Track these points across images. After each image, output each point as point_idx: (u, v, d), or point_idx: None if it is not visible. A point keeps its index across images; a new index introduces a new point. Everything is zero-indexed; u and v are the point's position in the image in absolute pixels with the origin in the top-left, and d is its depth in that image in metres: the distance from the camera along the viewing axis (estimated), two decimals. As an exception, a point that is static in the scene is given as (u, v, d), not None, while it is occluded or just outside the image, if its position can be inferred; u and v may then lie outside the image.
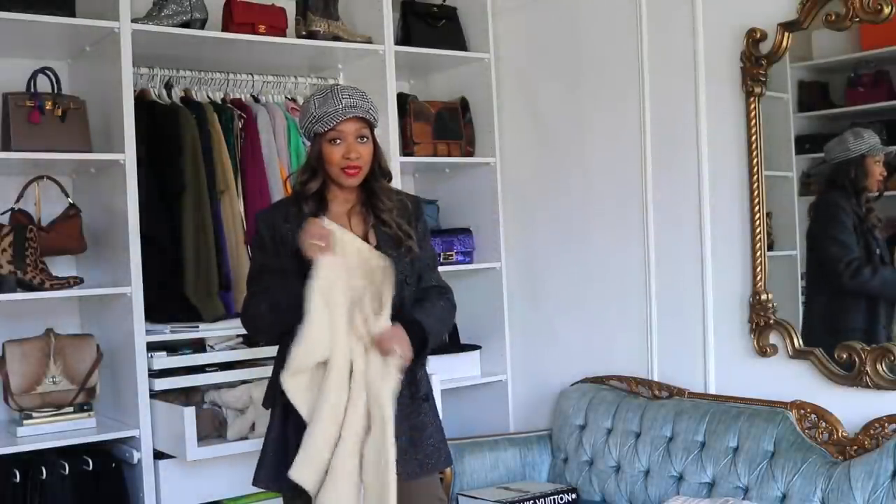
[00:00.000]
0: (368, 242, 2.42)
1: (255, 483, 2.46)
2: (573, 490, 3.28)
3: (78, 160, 3.07)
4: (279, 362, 2.48)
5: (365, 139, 2.41)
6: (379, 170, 2.48)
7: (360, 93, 2.43)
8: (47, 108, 2.96)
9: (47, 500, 2.90)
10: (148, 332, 3.05)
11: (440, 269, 2.63)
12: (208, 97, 3.50)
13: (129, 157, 3.02)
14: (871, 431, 2.68)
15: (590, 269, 3.58)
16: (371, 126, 2.44)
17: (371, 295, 2.34)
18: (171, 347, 3.15)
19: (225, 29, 3.34)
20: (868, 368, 2.74)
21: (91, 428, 3.07)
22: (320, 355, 2.29)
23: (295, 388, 2.31)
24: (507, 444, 3.48)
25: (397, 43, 3.65)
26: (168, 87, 3.42)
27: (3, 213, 3.09)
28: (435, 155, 3.79)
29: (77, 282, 3.06)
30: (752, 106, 3.01)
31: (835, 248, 2.86)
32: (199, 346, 3.23)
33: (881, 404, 2.71)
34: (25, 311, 3.14)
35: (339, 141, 2.38)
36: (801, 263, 2.98)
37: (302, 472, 2.28)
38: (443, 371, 3.59)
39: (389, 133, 3.55)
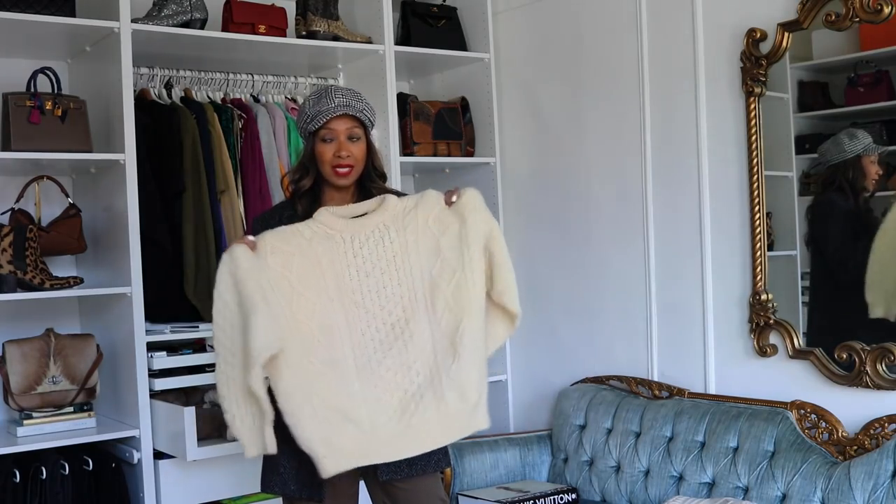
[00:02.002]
0: None
1: (263, 489, 2.46)
2: (573, 490, 3.28)
3: (78, 160, 3.07)
4: None
5: (357, 139, 2.43)
6: (373, 170, 2.49)
7: (354, 93, 2.45)
8: (47, 108, 2.96)
9: (47, 500, 2.90)
10: (148, 332, 3.05)
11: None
12: (208, 97, 3.50)
13: (129, 157, 3.02)
14: (871, 431, 2.68)
15: (590, 269, 3.59)
16: (364, 126, 2.45)
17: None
18: (171, 347, 3.15)
19: (225, 29, 3.34)
20: (868, 368, 2.74)
21: (91, 428, 3.07)
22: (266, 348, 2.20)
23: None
24: (507, 444, 3.48)
25: (397, 43, 3.65)
26: (168, 87, 3.43)
27: (3, 213, 3.10)
28: (435, 155, 3.79)
29: (77, 282, 3.06)
30: (752, 106, 3.01)
31: (837, 248, 2.86)
32: (199, 346, 3.23)
33: (881, 404, 2.71)
34: (25, 311, 3.15)
35: (330, 139, 2.41)
36: (800, 263, 2.98)
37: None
38: (443, 371, 3.58)
39: (389, 133, 3.55)
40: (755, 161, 3.02)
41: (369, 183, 2.49)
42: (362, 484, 2.54)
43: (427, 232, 2.32)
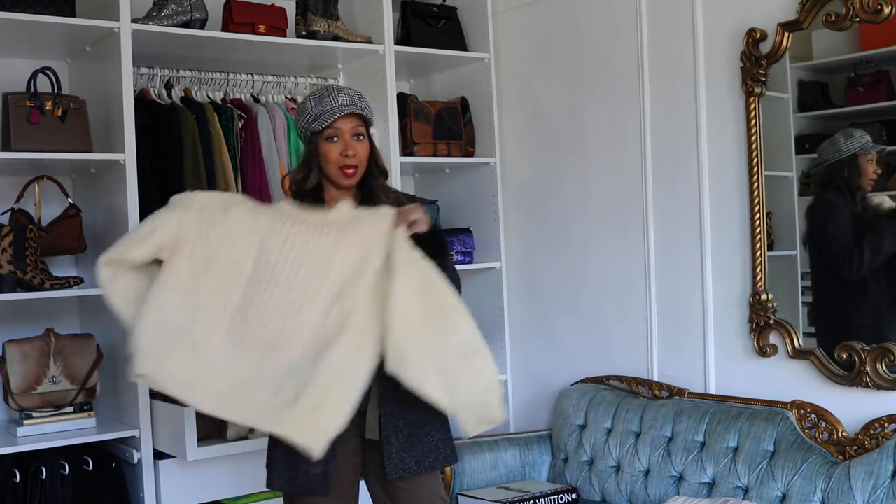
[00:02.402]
0: None
1: (269, 486, 2.47)
2: (573, 490, 3.28)
3: (78, 160, 3.07)
4: None
5: (361, 137, 2.44)
6: (376, 168, 2.49)
7: (355, 92, 2.46)
8: (47, 108, 2.95)
9: (47, 500, 2.91)
10: (148, 333, 3.04)
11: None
12: (208, 97, 3.50)
13: (129, 157, 3.02)
14: (871, 431, 2.68)
15: (590, 269, 3.58)
16: (367, 124, 2.45)
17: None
18: (171, 347, 3.15)
19: (225, 29, 3.34)
20: (868, 368, 2.74)
21: (91, 428, 3.07)
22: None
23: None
24: (507, 444, 3.48)
25: (397, 43, 3.65)
26: (168, 87, 3.42)
27: (3, 213, 3.10)
28: (435, 155, 3.79)
29: (77, 282, 3.06)
30: (752, 106, 3.01)
31: (838, 245, 2.85)
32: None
33: (881, 404, 2.71)
34: (25, 311, 3.14)
35: (336, 138, 2.41)
36: (800, 263, 2.98)
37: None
38: (443, 371, 3.58)
39: (389, 133, 3.55)
40: (755, 161, 3.02)
41: (372, 181, 2.49)
42: (363, 485, 2.54)
43: (363, 245, 2.29)
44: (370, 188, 2.47)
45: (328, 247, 2.28)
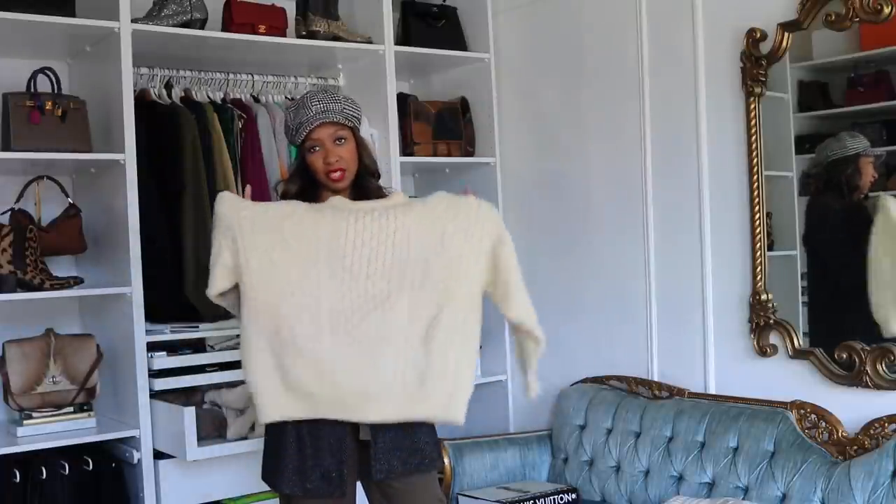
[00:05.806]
0: None
1: (267, 482, 2.45)
2: (573, 490, 3.28)
3: (78, 160, 3.07)
4: None
5: (343, 140, 2.43)
6: (365, 168, 2.49)
7: (331, 96, 2.44)
8: (47, 108, 2.95)
9: (47, 500, 2.91)
10: (148, 332, 3.05)
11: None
12: (208, 97, 3.50)
13: (129, 157, 3.02)
14: (871, 431, 2.68)
15: (590, 269, 3.59)
16: (348, 127, 2.44)
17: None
18: (171, 347, 3.15)
19: (225, 29, 3.34)
20: (868, 368, 2.74)
21: (91, 428, 3.07)
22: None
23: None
24: (507, 444, 3.48)
25: (397, 43, 3.65)
26: (168, 87, 3.42)
27: (3, 213, 3.09)
28: (435, 155, 3.79)
29: (77, 282, 3.06)
30: (752, 106, 3.02)
31: (834, 247, 2.85)
32: (199, 346, 3.23)
33: (881, 404, 2.71)
34: (25, 311, 3.14)
35: (316, 148, 2.42)
36: (800, 263, 2.98)
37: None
38: (443, 371, 3.58)
39: (389, 133, 3.55)
40: (755, 161, 3.02)
41: (365, 182, 2.49)
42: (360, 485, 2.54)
43: (433, 216, 2.33)
44: (365, 188, 2.48)
45: (399, 227, 2.30)
